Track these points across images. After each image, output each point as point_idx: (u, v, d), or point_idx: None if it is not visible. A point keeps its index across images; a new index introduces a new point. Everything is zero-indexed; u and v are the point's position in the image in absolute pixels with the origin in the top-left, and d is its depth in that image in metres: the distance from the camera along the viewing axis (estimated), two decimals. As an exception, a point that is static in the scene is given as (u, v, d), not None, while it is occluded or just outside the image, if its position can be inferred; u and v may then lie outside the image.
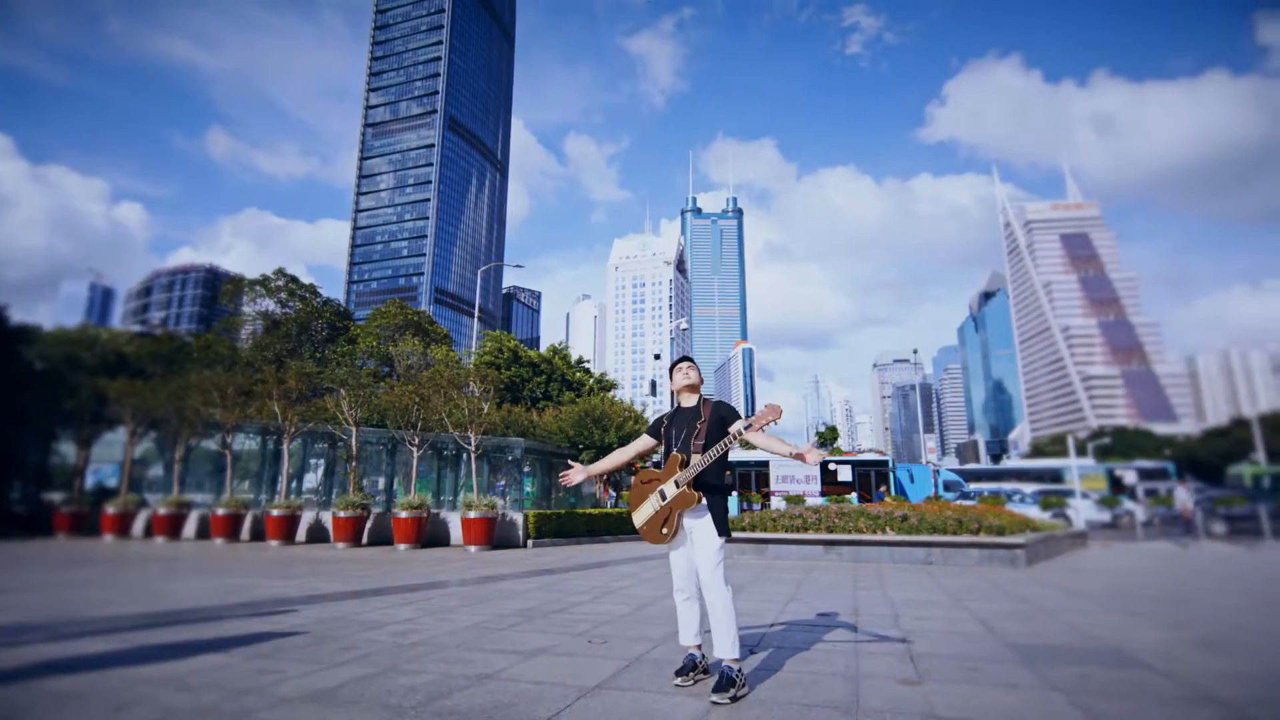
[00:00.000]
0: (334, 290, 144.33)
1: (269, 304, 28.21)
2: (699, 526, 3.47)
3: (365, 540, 13.37)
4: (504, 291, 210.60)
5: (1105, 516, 24.35)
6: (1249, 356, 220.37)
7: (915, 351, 48.78)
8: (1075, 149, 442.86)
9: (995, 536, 10.17)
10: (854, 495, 24.93)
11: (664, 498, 3.53)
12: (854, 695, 3.21)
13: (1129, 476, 31.73)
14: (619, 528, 15.76)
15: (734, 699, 3.12)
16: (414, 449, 13.83)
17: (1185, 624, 5.27)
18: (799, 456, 3.32)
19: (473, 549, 12.39)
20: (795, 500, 23.55)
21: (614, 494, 23.65)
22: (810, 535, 10.87)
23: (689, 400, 3.76)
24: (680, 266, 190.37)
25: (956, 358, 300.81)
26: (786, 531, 11.09)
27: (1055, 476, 33.62)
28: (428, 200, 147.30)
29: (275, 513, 13.39)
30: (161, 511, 14.26)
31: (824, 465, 26.06)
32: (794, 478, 25.79)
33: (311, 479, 16.95)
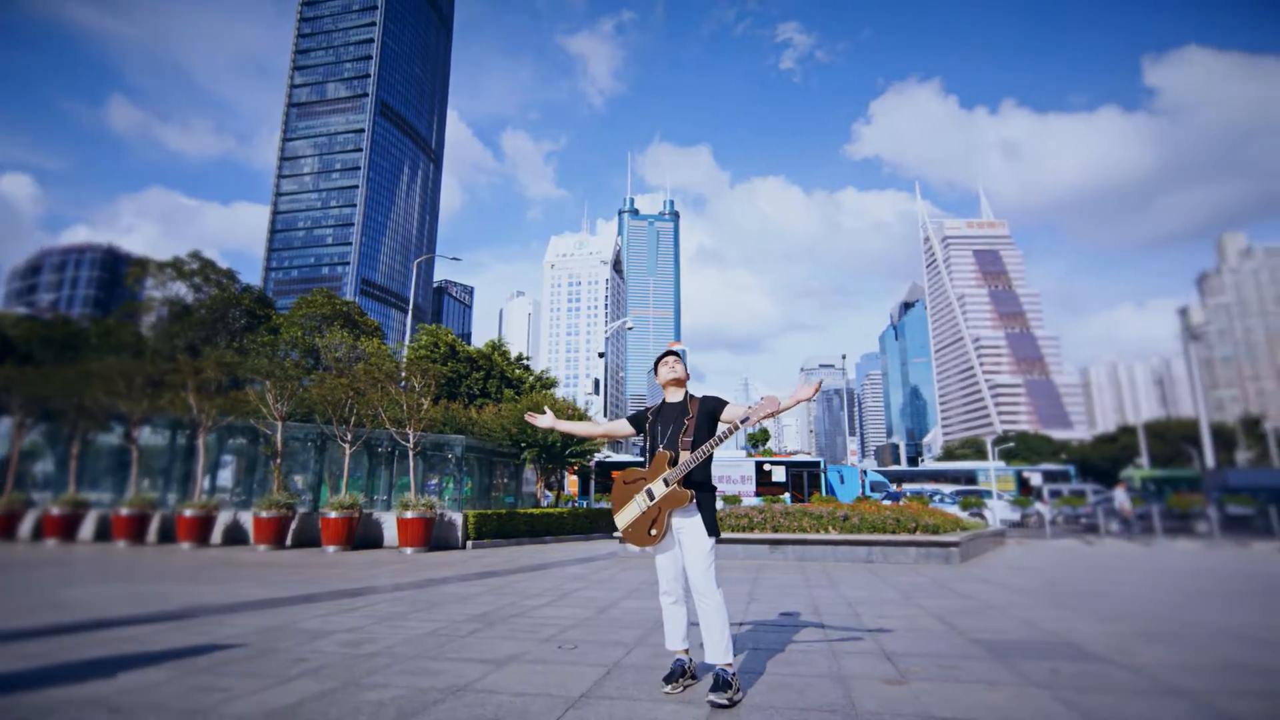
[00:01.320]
0: (251, 278, 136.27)
1: (181, 289, 26.17)
2: (688, 526, 3.34)
3: (289, 542, 12.55)
4: (435, 285, 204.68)
5: (1016, 516, 25.92)
6: (1134, 369, 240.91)
7: (844, 357, 50.49)
8: (987, 172, 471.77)
9: (931, 535, 10.56)
10: (787, 495, 25.51)
11: (652, 497, 3.38)
12: (847, 697, 3.17)
13: (1035, 478, 33.91)
14: (560, 527, 15.48)
15: (731, 701, 3.02)
16: (346, 446, 13.10)
17: (1119, 617, 5.56)
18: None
19: (409, 551, 11.85)
20: (732, 500, 23.86)
21: (549, 495, 23.29)
22: (757, 535, 10.96)
23: (675, 395, 3.63)
24: (617, 266, 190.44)
25: (878, 364, 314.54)
26: (734, 531, 11.15)
27: (970, 478, 35.54)
28: (356, 187, 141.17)
29: (188, 513, 12.38)
30: (54, 511, 12.93)
31: (759, 466, 26.57)
32: (730, 477, 26.15)
33: (227, 477, 15.82)
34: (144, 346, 21.35)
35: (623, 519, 3.51)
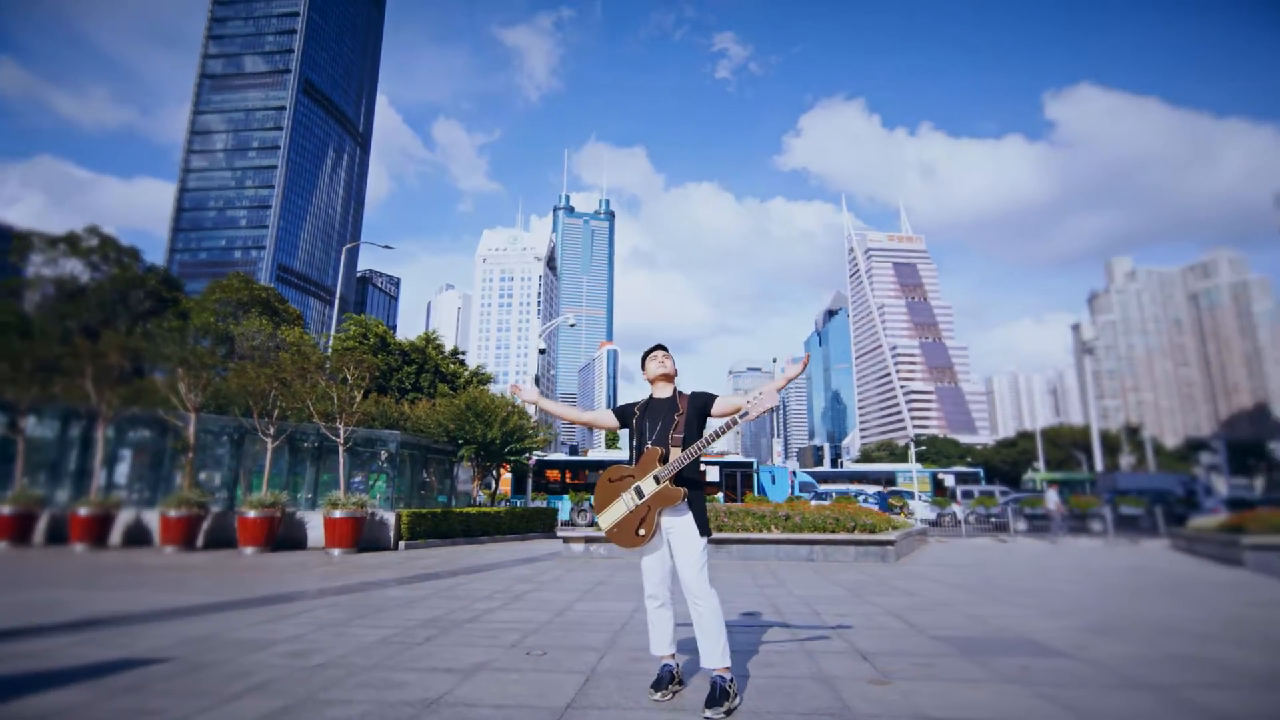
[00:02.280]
0: (153, 259, 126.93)
1: (76, 266, 23.76)
2: (679, 526, 3.22)
3: (201, 543, 11.61)
4: (359, 275, 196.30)
5: (933, 516, 27.29)
6: (1031, 379, 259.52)
7: (774, 360, 51.72)
8: (906, 189, 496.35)
9: (869, 534, 10.88)
10: (720, 495, 25.83)
11: (641, 495, 3.23)
12: (838, 700, 3.12)
13: (949, 480, 35.82)
14: (497, 527, 15.03)
15: (728, 712, 2.91)
16: (268, 440, 12.24)
17: (1061, 613, 5.84)
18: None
19: (336, 552, 11.17)
20: (667, 500, 23.96)
21: (482, 495, 22.65)
22: (701, 534, 10.96)
23: (663, 391, 3.50)
24: (551, 263, 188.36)
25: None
26: (678, 531, 11.10)
27: (890, 479, 37.16)
28: (274, 167, 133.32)
29: (84, 511, 11.23)
30: (-82, 510, 11.44)
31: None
32: (665, 478, 26.21)
33: (126, 472, 14.48)
34: (29, 327, 19.31)
35: (607, 518, 3.34)
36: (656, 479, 3.20)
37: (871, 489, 31.62)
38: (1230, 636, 4.72)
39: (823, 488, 31.49)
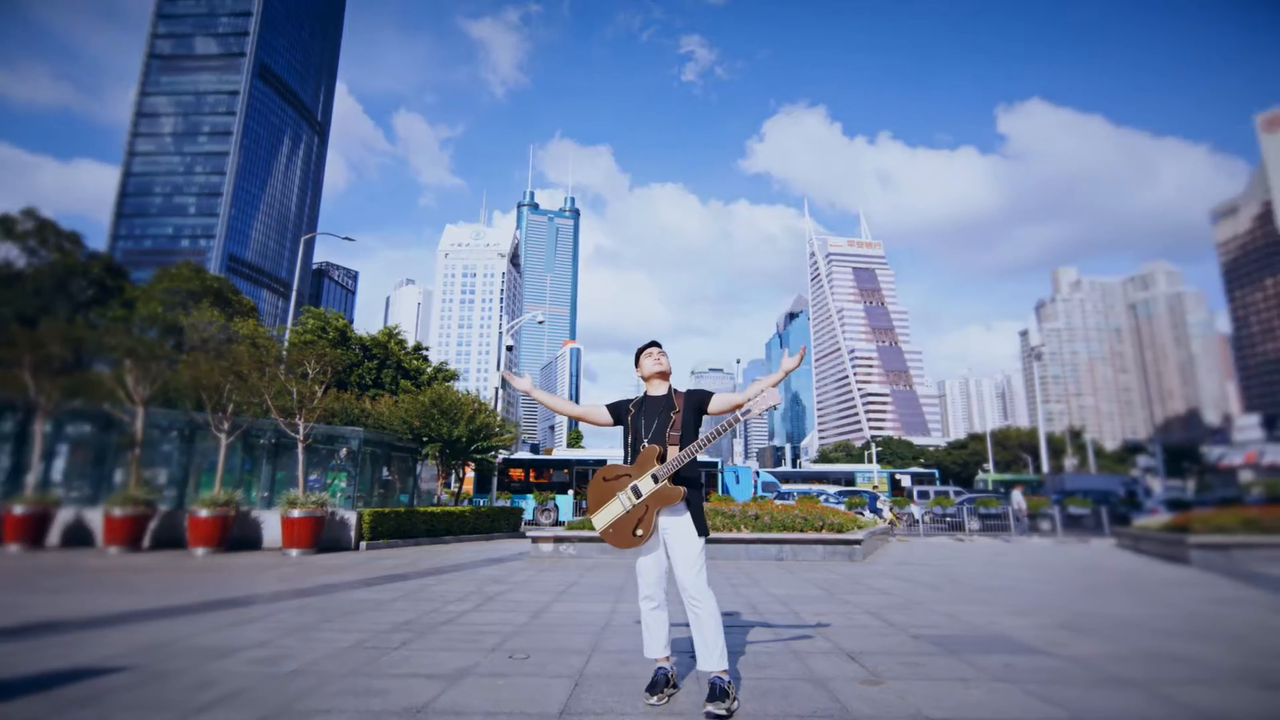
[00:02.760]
0: (95, 245, 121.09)
1: (10, 251, 22.31)
2: (677, 526, 3.15)
3: (148, 544, 11.06)
4: (315, 267, 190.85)
5: (888, 514, 27.88)
6: (981, 383, 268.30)
7: (739, 361, 52.20)
8: (865, 196, 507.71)
9: (837, 534, 11.01)
10: (686, 495, 25.86)
11: (638, 495, 3.16)
12: (835, 700, 3.09)
13: (906, 480, 36.70)
14: (461, 527, 14.73)
15: (729, 711, 2.85)
16: (222, 436, 11.72)
17: (1029, 611, 5.97)
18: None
19: (294, 553, 10.76)
20: (633, 499, 23.89)
21: (444, 495, 22.20)
22: (672, 534, 10.92)
23: (659, 388, 3.42)
24: (514, 260, 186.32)
25: (762, 370, 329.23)
26: (649, 530, 11.05)
27: (849, 480, 37.87)
28: (226, 154, 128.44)
29: (19, 509, 10.58)
30: None
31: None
32: (630, 477, 26.15)
33: (64, 468, 13.69)
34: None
35: (602, 519, 3.25)
36: (655, 478, 3.12)
37: (832, 489, 32.15)
38: (1192, 632, 4.89)
39: (785, 488, 31.87)
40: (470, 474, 23.41)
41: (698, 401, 3.30)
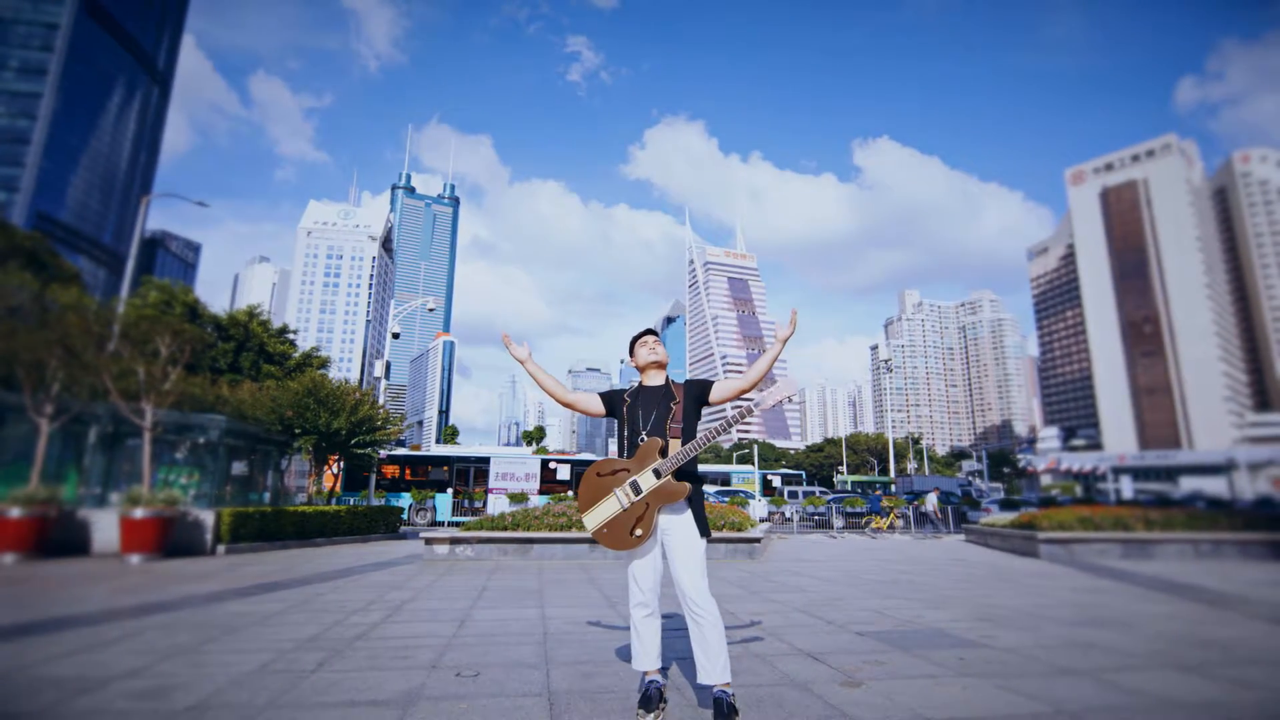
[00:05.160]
0: None
1: None
2: (678, 525, 2.90)
3: (-67, 551, 9.02)
4: (149, 235, 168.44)
5: (765, 514, 29.24)
6: (836, 392, 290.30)
7: (622, 362, 52.49)
8: (738, 210, 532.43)
9: (738, 532, 11.22)
10: (571, 492, 25.52)
11: (638, 491, 2.88)
12: (830, 706, 2.99)
13: (777, 481, 38.64)
14: (335, 528, 13.43)
15: (739, 730, 2.64)
16: (42, 420, 9.83)
17: (941, 604, 6.32)
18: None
19: (135, 559, 9.22)
20: (518, 498, 23.17)
21: (312, 493, 20.24)
22: (575, 534, 10.61)
23: (655, 379, 3.17)
24: (387, 245, 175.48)
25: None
26: (552, 530, 10.66)
27: (725, 480, 39.25)
28: (40, 95, 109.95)
29: None
30: None
31: (544, 464, 26.25)
32: (514, 475, 25.41)
33: None
34: None
35: (595, 518, 2.93)
36: (657, 473, 2.86)
37: (711, 489, 33.12)
38: (1088, 621, 5.37)
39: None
40: (334, 470, 21.47)
41: (698, 392, 3.08)
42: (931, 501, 24.11)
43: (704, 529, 2.92)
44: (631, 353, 3.25)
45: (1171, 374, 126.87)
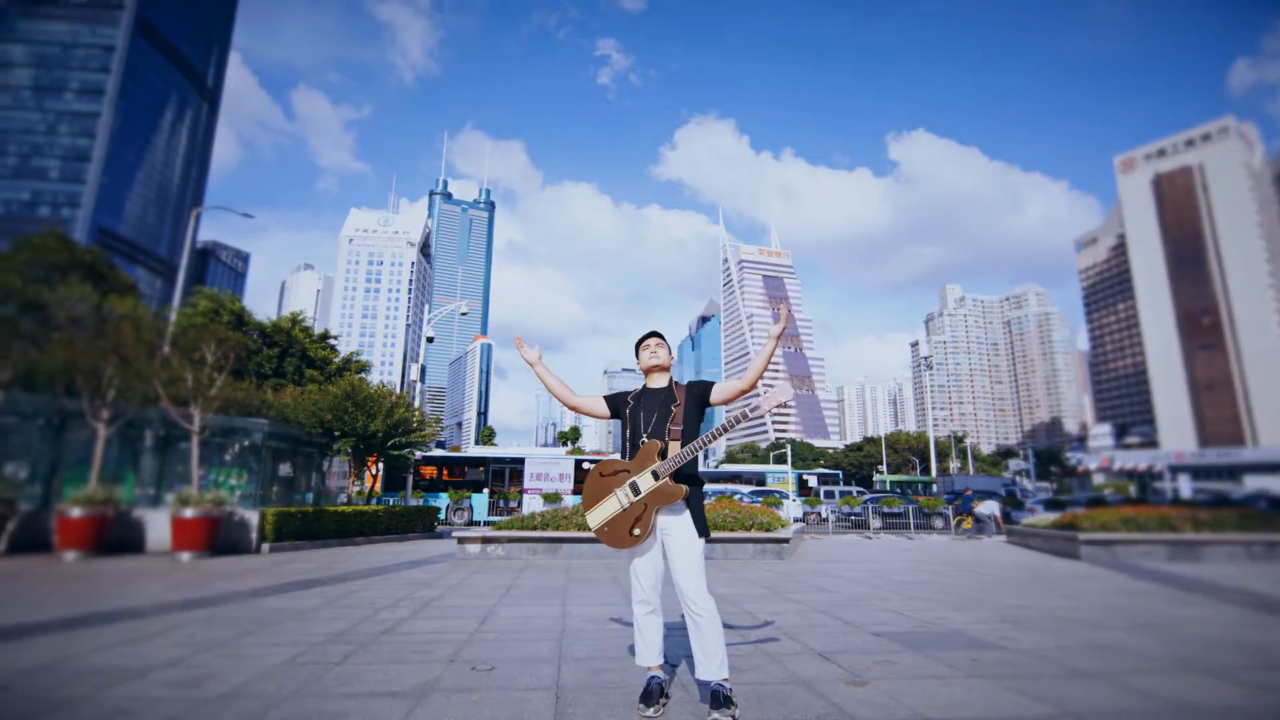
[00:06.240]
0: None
1: None
2: (676, 526, 2.97)
3: (5, 547, 9.64)
4: (201, 246, 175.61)
5: (801, 514, 28.95)
6: (875, 390, 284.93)
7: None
8: (771, 208, 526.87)
9: (766, 532, 11.19)
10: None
11: (637, 492, 2.96)
12: (831, 704, 3.02)
13: (813, 480, 38.20)
14: (374, 527, 13.86)
15: (734, 719, 2.71)
16: (100, 426, 10.41)
17: (967, 605, 6.23)
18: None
19: (185, 557, 9.69)
20: (551, 498, 23.45)
21: (347, 494, 20.89)
22: (604, 533, 10.72)
23: (659, 381, 3.25)
24: (425, 250, 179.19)
25: (675, 373, 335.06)
26: (580, 530, 10.80)
27: (760, 480, 38.98)
28: (98, 114, 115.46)
29: None
30: None
31: (578, 464, 26.49)
32: (548, 475, 25.72)
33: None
34: None
35: (597, 516, 3.03)
36: (655, 475, 2.94)
37: (746, 489, 32.95)
38: (1116, 624, 5.23)
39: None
40: (374, 470, 22.11)
41: (699, 393, 3.15)
42: (990, 506, 23.20)
43: (702, 529, 2.99)
44: (637, 356, 3.33)
45: (1233, 368, 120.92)
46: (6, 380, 10.31)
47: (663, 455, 2.98)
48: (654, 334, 3.34)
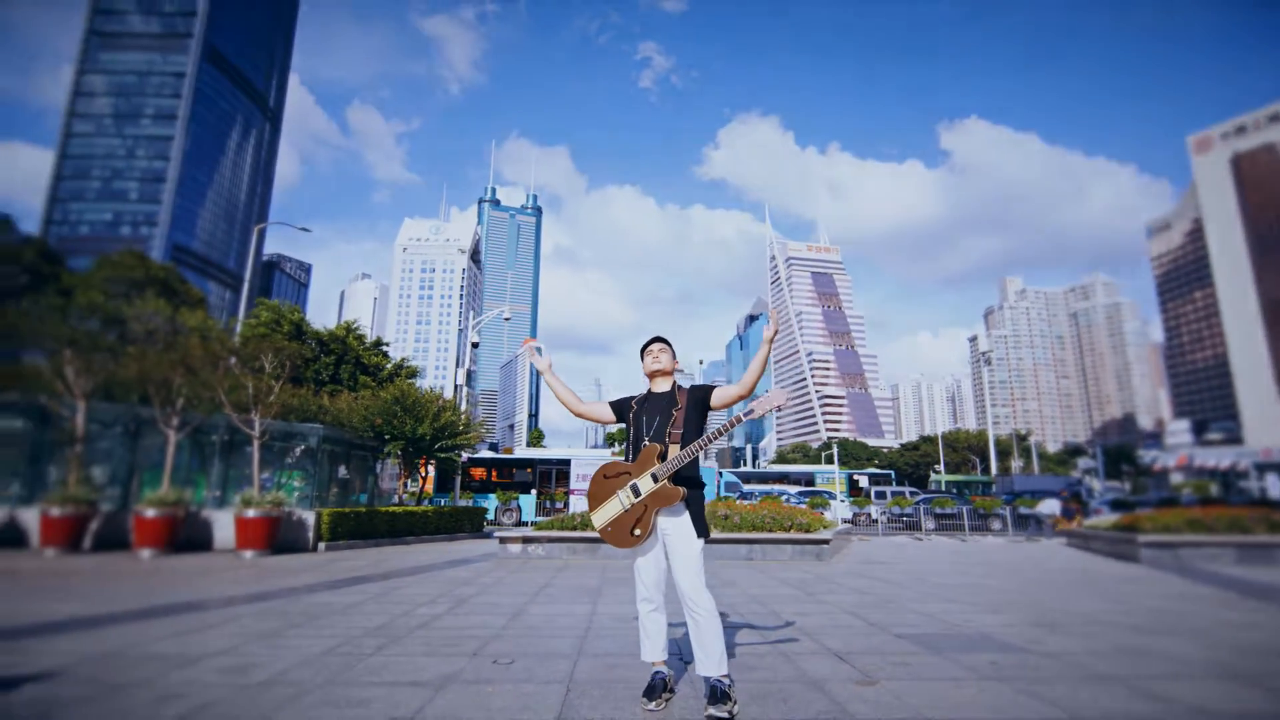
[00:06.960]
0: (26, 230, 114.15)
1: (-67, 232, 20.77)
2: (676, 526, 3.08)
3: (89, 545, 10.44)
4: (266, 259, 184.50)
5: (850, 515, 28.45)
6: (932, 387, 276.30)
7: (701, 362, 52.64)
8: (818, 204, 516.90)
9: (805, 533, 11.11)
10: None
11: (637, 494, 3.08)
12: (834, 703, 3.06)
13: (864, 481, 37.43)
14: (424, 527, 14.37)
15: (731, 714, 2.79)
16: (171, 432, 11.16)
17: (1000, 608, 6.09)
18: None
19: (248, 555, 10.30)
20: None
21: (401, 495, 21.63)
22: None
23: (662, 385, 3.36)
24: (475, 256, 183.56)
25: (722, 372, 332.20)
26: (618, 530, 10.95)
27: (809, 480, 38.45)
28: (170, 138, 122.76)
29: (-57, 510, 9.86)
30: None
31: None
32: (588, 476, 25.99)
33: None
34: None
35: (601, 517, 3.16)
36: (654, 477, 3.05)
37: (793, 489, 32.59)
38: (1158, 628, 5.05)
39: (747, 488, 32.14)
40: (427, 473, 22.88)
41: (700, 397, 3.24)
42: (1051, 505, 22.26)
43: (701, 530, 3.08)
44: (642, 359, 3.44)
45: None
46: (89, 391, 11.16)
47: (662, 458, 3.08)
48: (657, 339, 3.45)
